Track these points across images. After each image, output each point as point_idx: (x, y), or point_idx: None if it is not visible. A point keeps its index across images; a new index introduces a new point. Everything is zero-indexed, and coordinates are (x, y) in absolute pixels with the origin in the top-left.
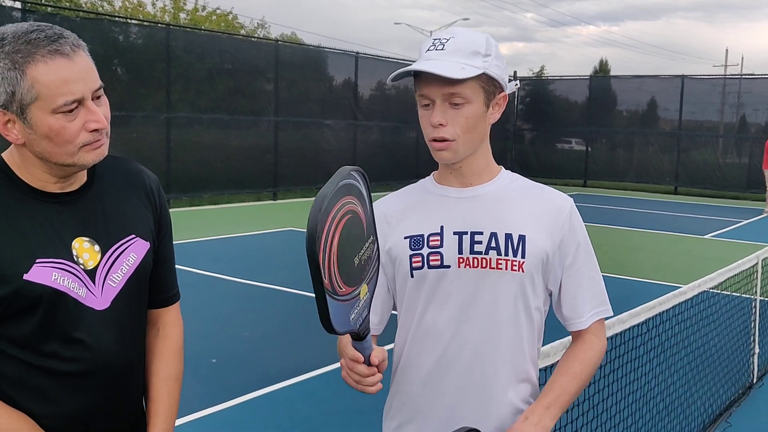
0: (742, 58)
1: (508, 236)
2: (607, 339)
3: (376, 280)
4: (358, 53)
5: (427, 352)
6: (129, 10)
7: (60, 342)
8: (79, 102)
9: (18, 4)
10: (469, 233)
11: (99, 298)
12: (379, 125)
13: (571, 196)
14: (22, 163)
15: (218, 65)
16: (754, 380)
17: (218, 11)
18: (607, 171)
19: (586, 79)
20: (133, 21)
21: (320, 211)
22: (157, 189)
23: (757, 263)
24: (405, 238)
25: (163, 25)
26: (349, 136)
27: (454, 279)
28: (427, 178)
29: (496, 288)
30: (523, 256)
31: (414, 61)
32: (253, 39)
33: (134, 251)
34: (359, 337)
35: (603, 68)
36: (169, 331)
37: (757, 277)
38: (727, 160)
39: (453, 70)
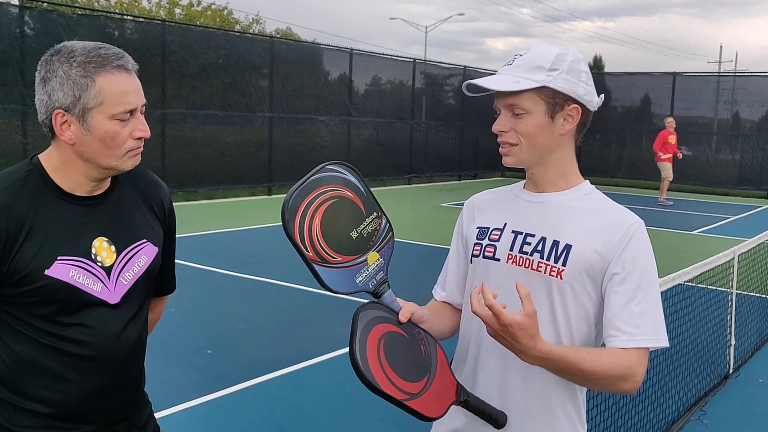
0: (737, 54)
1: (555, 243)
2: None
3: (390, 248)
4: (352, 49)
5: (470, 336)
6: (124, 5)
7: (72, 329)
8: (131, 112)
9: (15, 0)
10: (524, 233)
11: (112, 292)
12: (373, 121)
13: None
14: (60, 165)
15: (213, 61)
16: (731, 371)
17: (213, 7)
18: (599, 167)
19: None
20: (129, 17)
21: (288, 204)
22: (168, 202)
23: (733, 258)
24: (477, 228)
25: (159, 21)
26: (344, 132)
27: (501, 272)
28: (522, 181)
29: (533, 289)
30: (564, 264)
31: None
32: (248, 35)
33: (145, 254)
34: (376, 295)
35: (597, 64)
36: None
37: (733, 272)
38: (720, 157)
39: (506, 83)
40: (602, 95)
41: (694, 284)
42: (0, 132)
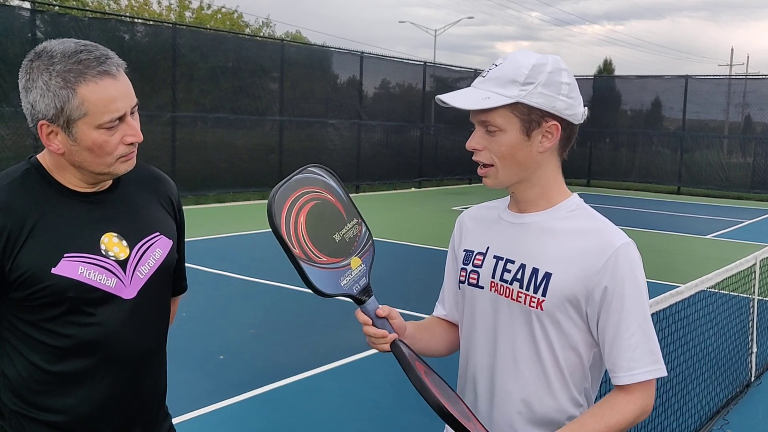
0: (748, 57)
1: (535, 271)
2: None
3: (371, 256)
4: (362, 53)
5: (466, 362)
6: (135, 8)
7: (87, 329)
8: (120, 118)
9: (27, 4)
10: (504, 260)
11: (128, 287)
12: (383, 125)
13: None
14: (54, 168)
15: (223, 64)
16: (752, 378)
17: (223, 10)
18: (610, 171)
19: (590, 79)
20: (139, 20)
21: (274, 198)
22: (176, 196)
23: (755, 264)
24: (464, 250)
25: (169, 24)
26: (353, 136)
27: (484, 300)
28: (507, 197)
29: (513, 319)
30: (543, 294)
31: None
32: (258, 38)
33: (160, 247)
34: (359, 301)
35: (607, 68)
36: None
37: (755, 278)
38: (731, 160)
39: (473, 100)
40: (585, 109)
41: (716, 290)
42: (11, 135)
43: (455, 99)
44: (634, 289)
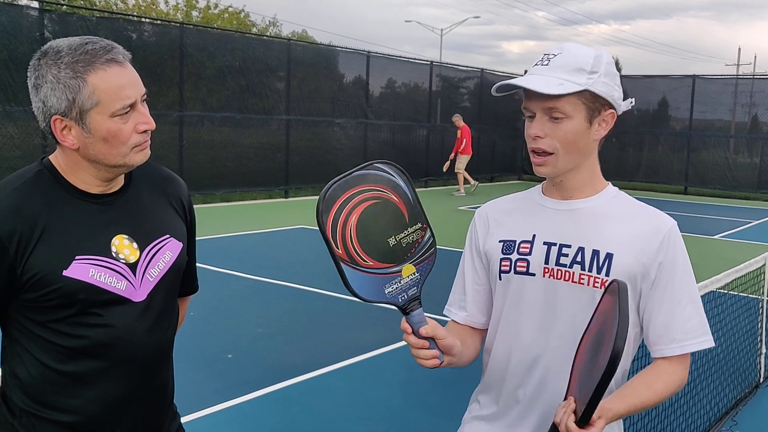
0: (755, 57)
1: (595, 252)
2: None
3: (429, 265)
4: (369, 52)
5: (508, 354)
6: (142, 8)
7: (97, 330)
8: (131, 106)
9: (35, 4)
10: (558, 245)
11: (138, 290)
12: (389, 124)
13: None
14: (67, 168)
15: (230, 63)
16: (761, 380)
17: (230, 9)
18: (616, 170)
19: None
20: (147, 20)
21: (326, 193)
22: (187, 197)
23: (764, 264)
24: (499, 241)
25: (176, 24)
26: (360, 135)
27: (538, 287)
28: (537, 186)
29: (575, 302)
30: (607, 274)
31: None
32: (264, 37)
33: (170, 249)
34: (404, 311)
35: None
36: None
37: (764, 278)
38: (738, 160)
39: (550, 86)
40: (631, 99)
41: (725, 291)
42: (20, 134)
43: (529, 83)
44: (684, 265)
